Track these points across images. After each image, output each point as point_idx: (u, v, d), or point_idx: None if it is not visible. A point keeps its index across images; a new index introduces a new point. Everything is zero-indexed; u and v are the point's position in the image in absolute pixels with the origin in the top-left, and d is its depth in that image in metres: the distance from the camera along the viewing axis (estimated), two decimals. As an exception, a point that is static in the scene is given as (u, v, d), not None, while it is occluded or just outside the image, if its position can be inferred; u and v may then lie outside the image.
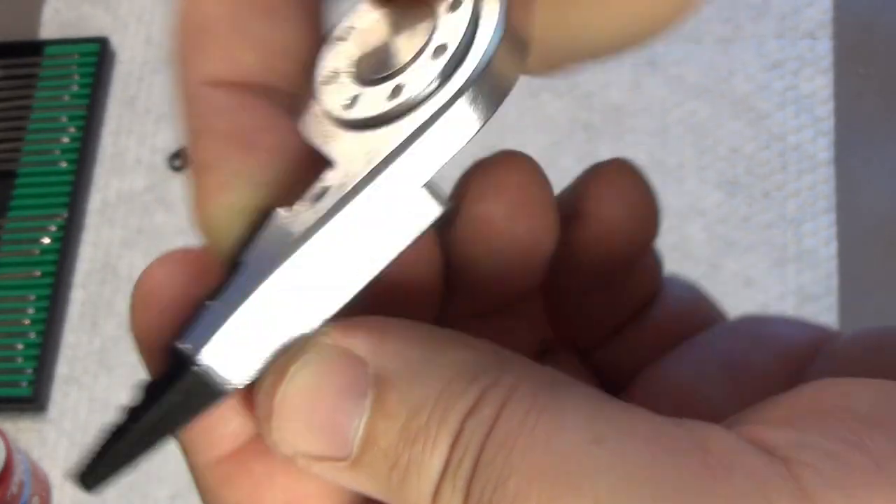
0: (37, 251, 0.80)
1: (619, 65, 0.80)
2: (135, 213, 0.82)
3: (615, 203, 0.29)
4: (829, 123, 0.77)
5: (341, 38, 0.25)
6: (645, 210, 0.28)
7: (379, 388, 0.22)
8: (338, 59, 0.25)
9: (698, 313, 0.30)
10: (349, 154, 0.24)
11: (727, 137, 0.78)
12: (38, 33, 0.89)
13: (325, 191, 0.24)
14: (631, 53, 0.24)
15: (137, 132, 0.84)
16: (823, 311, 0.72)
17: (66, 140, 0.83)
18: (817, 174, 0.76)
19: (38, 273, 0.79)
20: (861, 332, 0.26)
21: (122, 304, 0.79)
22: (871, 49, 0.79)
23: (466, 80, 0.23)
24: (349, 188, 0.23)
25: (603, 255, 0.28)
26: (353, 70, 0.24)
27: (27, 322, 0.78)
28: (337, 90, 0.24)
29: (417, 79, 0.24)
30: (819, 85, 0.78)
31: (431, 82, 0.23)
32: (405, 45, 0.24)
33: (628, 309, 0.29)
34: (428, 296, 0.26)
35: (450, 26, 0.24)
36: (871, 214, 0.74)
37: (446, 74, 0.23)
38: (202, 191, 0.25)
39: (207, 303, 0.24)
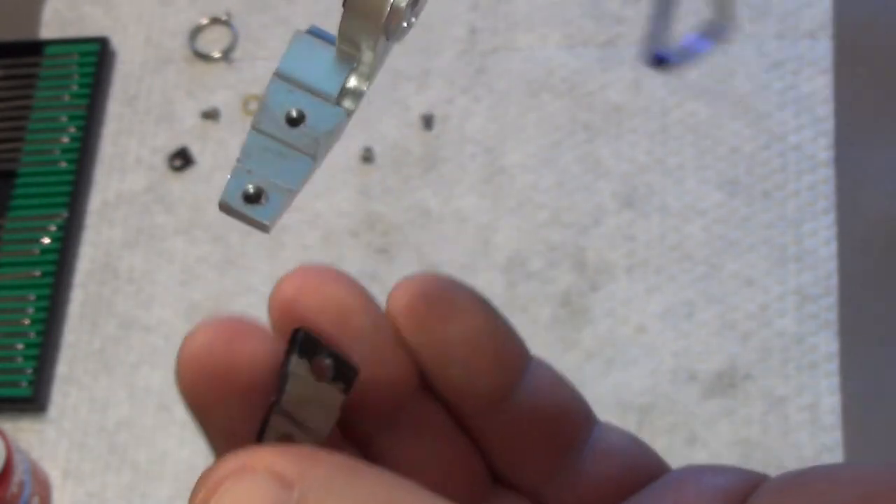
0: (37, 251, 0.80)
1: (619, 65, 0.80)
2: (135, 213, 0.82)
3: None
4: (829, 123, 0.77)
5: None
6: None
7: None
8: None
9: (642, 464, 0.31)
10: None
11: (727, 137, 0.78)
12: (38, 33, 0.89)
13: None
14: (631, 53, 0.24)
15: (137, 132, 0.84)
16: (823, 311, 0.72)
17: (66, 140, 0.83)
18: (817, 174, 0.76)
19: (38, 273, 0.79)
20: (781, 476, 0.28)
21: (122, 304, 0.79)
22: (871, 49, 0.79)
23: None
24: None
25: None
26: None
27: (27, 322, 0.78)
28: None
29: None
30: (819, 85, 0.78)
31: None
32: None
33: (552, 441, 0.30)
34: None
35: None
36: (871, 214, 0.74)
37: None
38: None
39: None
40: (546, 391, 0.30)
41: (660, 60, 0.75)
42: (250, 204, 0.26)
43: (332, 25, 0.95)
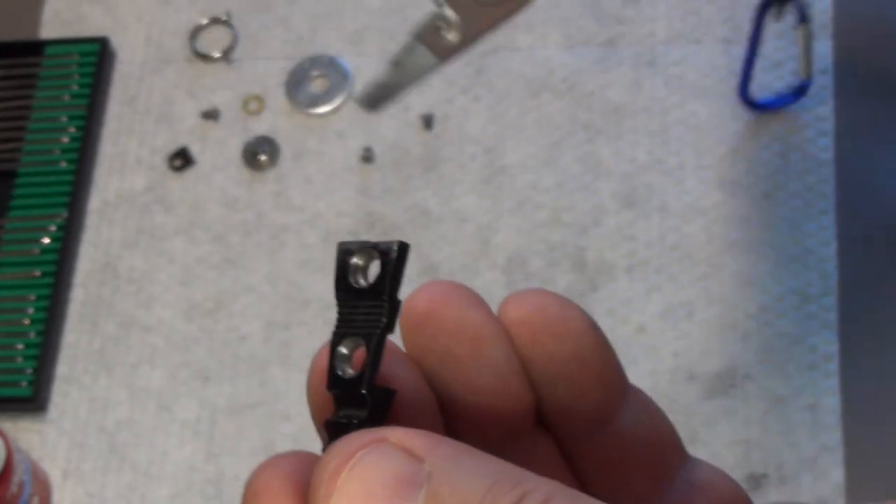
0: (37, 251, 0.80)
1: (619, 65, 0.80)
2: (135, 213, 0.82)
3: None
4: (828, 123, 0.77)
5: None
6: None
7: (433, 482, 0.24)
8: None
9: (728, 500, 0.32)
10: None
11: (727, 137, 0.78)
12: (38, 33, 0.89)
13: None
14: (631, 53, 0.25)
15: (137, 132, 0.84)
16: (823, 311, 0.72)
17: (66, 140, 0.83)
18: (817, 174, 0.76)
19: (38, 273, 0.79)
20: None
21: (122, 304, 0.79)
22: (870, 49, 0.79)
23: None
24: None
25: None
26: None
27: (27, 322, 0.78)
28: None
29: None
30: (819, 85, 0.78)
31: None
32: None
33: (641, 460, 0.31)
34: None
35: None
36: (871, 214, 0.74)
37: None
38: None
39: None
40: (644, 419, 0.31)
41: (754, 104, 0.78)
42: None
43: (331, 25, 0.95)
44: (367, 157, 0.81)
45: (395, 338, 0.29)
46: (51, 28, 0.89)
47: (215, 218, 0.81)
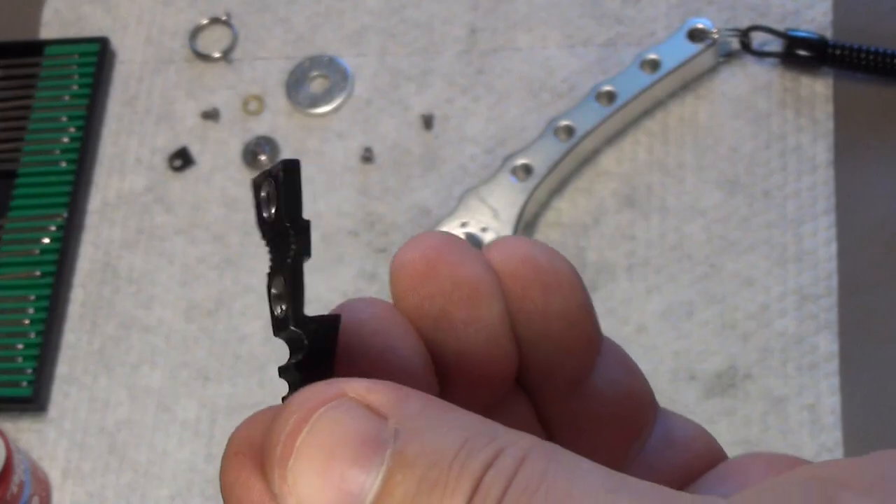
0: (37, 251, 0.80)
1: (619, 65, 0.80)
2: (135, 213, 0.82)
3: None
4: (829, 124, 0.77)
5: None
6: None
7: (399, 441, 0.23)
8: None
9: (705, 453, 0.31)
10: None
11: (727, 137, 0.78)
12: (38, 33, 0.89)
13: None
14: (631, 53, 0.24)
15: (137, 132, 0.84)
16: (823, 311, 0.72)
17: (66, 140, 0.83)
18: (817, 174, 0.76)
19: (38, 273, 0.79)
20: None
21: (122, 304, 0.79)
22: (871, 49, 0.79)
23: None
24: None
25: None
26: None
27: (27, 322, 0.78)
28: None
29: None
30: (819, 86, 0.78)
31: None
32: None
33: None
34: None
35: None
36: (870, 214, 0.74)
37: None
38: None
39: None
40: (618, 374, 0.30)
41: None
42: None
43: (331, 25, 0.95)
44: (367, 157, 0.81)
45: (386, 295, 0.28)
46: (51, 28, 0.89)
47: (215, 218, 0.81)
